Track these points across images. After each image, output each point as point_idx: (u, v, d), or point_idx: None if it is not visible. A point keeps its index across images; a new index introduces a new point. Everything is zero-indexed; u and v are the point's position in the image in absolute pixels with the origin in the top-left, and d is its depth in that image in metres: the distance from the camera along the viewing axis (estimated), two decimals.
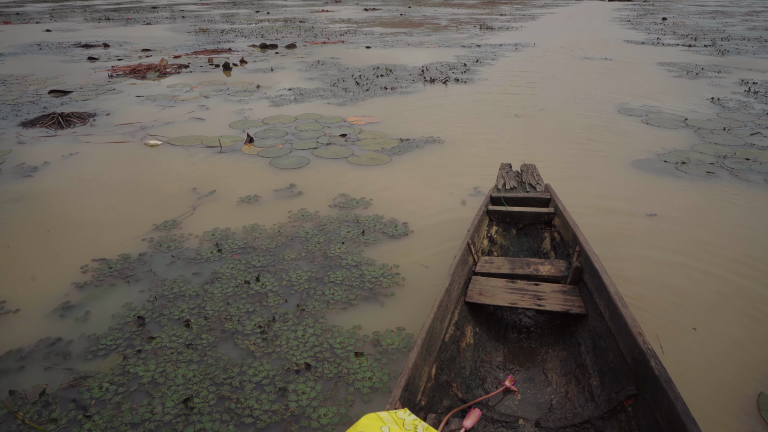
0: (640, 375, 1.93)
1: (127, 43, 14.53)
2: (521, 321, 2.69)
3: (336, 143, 5.59)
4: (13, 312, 2.83)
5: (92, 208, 4.08)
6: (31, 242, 3.57)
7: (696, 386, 2.32)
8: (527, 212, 3.33)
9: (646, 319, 2.48)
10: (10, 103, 7.40)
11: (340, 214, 3.83)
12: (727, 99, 7.48)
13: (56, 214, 3.98)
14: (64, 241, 3.58)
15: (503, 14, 25.00)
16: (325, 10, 28.72)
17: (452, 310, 2.47)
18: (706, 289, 3.12)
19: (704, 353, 2.59)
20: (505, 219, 3.37)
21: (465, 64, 10.46)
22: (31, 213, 3.99)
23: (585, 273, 2.63)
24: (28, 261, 3.34)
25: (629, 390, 1.95)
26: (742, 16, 23.15)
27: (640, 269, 3.27)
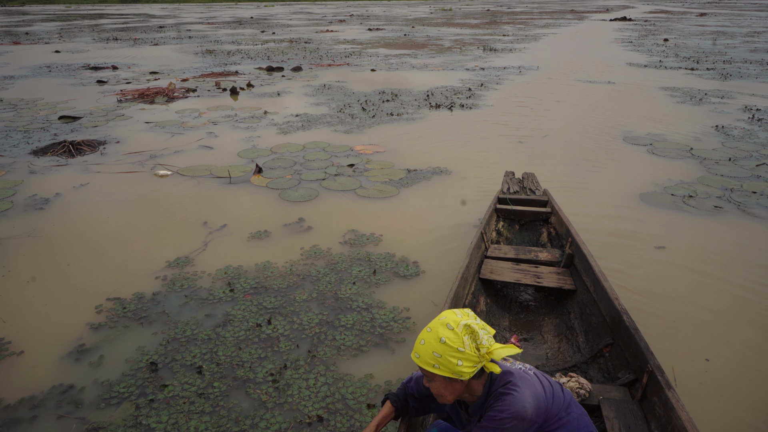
0: (615, 328, 2.56)
1: (135, 65, 14.73)
2: (523, 296, 3.32)
3: (344, 174, 5.63)
4: (18, 354, 2.85)
5: (106, 244, 4.11)
6: (48, 278, 3.59)
7: (707, 420, 2.33)
8: (528, 211, 4.03)
9: (658, 348, 2.50)
10: (22, 130, 7.49)
11: (352, 251, 3.85)
12: (731, 127, 7.51)
13: (70, 250, 4.01)
14: (79, 278, 3.60)
15: (506, 35, 25.25)
16: (330, 30, 29.07)
17: (470, 282, 3.07)
18: (719, 321, 3.16)
19: (717, 385, 2.64)
20: (510, 216, 4.07)
21: (470, 89, 10.56)
22: (45, 249, 4.02)
23: (575, 258, 3.27)
24: (45, 298, 3.36)
25: (607, 340, 2.60)
26: (743, 37, 23.33)
27: (651, 300, 3.31)
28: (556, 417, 1.59)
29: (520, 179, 4.62)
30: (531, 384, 1.58)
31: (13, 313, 3.23)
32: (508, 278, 3.21)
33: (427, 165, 5.89)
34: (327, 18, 44.37)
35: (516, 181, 4.56)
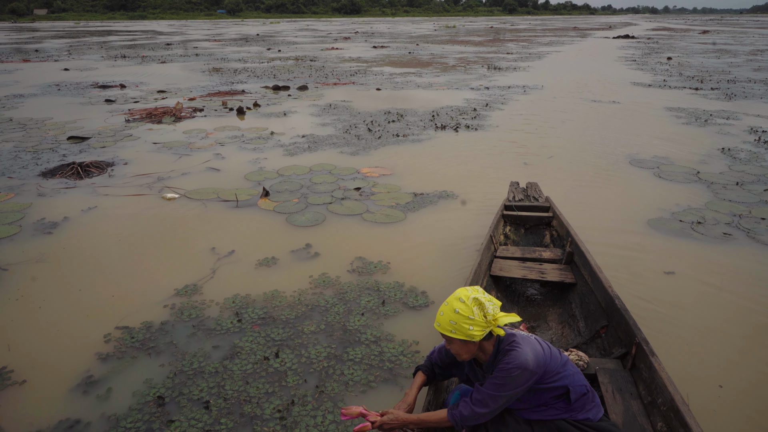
0: (609, 311, 2.95)
1: (142, 83, 14.89)
2: (529, 290, 3.71)
3: (350, 197, 5.64)
4: (20, 383, 2.83)
5: (115, 270, 4.11)
6: (56, 305, 3.59)
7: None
8: (532, 216, 4.44)
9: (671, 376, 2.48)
10: (31, 151, 7.56)
11: (360, 280, 3.84)
12: (737, 149, 7.51)
13: (78, 277, 4.01)
14: (88, 305, 3.60)
15: (510, 53, 25.44)
16: (335, 47, 29.36)
17: (482, 278, 3.42)
18: (731, 348, 3.15)
19: (730, 411, 2.63)
20: (516, 221, 4.48)
21: (475, 109, 10.61)
22: (53, 275, 4.03)
23: (575, 255, 3.66)
24: (53, 325, 3.35)
25: (603, 323, 3.00)
26: (746, 56, 23.43)
27: (661, 326, 3.31)
28: (554, 371, 1.96)
29: (524, 188, 5.09)
30: (531, 343, 1.97)
31: (20, 341, 3.22)
32: (516, 274, 3.60)
33: (433, 189, 5.90)
34: (332, 35, 44.89)
35: (520, 190, 5.03)
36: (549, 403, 2.00)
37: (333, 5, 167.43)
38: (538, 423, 2.01)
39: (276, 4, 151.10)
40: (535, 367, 1.90)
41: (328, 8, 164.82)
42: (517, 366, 1.89)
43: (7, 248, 4.48)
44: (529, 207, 4.58)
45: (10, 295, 3.73)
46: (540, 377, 1.93)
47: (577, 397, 2.00)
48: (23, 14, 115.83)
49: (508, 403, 1.96)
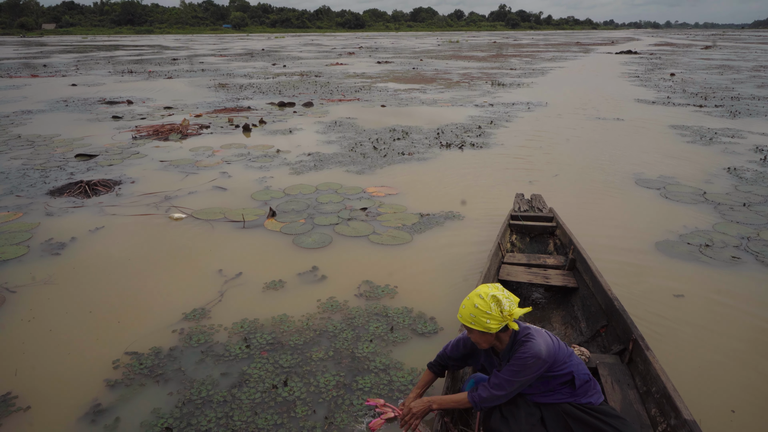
0: (609, 312, 3.21)
1: (149, 99, 15.02)
2: (534, 294, 3.96)
3: (357, 218, 5.65)
4: (24, 410, 2.82)
5: (123, 293, 4.11)
6: (64, 329, 3.59)
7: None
8: (537, 225, 4.69)
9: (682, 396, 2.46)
10: (39, 168, 7.61)
11: (368, 305, 3.83)
12: (743, 168, 7.51)
13: (86, 300, 4.01)
14: (97, 330, 3.59)
15: (513, 68, 25.60)
16: (339, 63, 29.60)
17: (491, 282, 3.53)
18: (743, 371, 3.15)
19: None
20: (522, 230, 4.73)
21: (480, 126, 10.66)
22: (62, 298, 4.03)
23: (577, 262, 3.92)
24: (61, 350, 3.35)
25: (603, 323, 3.25)
26: (749, 72, 23.51)
27: (671, 348, 3.29)
28: (561, 361, 2.23)
29: (529, 200, 5.35)
30: (543, 336, 2.25)
31: (28, 365, 3.22)
32: (522, 279, 3.86)
33: (439, 209, 5.90)
34: (336, 50, 45.30)
35: (525, 201, 5.30)
36: (556, 389, 2.27)
37: (337, 20, 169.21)
38: (546, 406, 2.27)
39: (281, 19, 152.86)
40: (547, 357, 2.17)
41: (332, 23, 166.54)
42: (532, 355, 2.15)
43: (16, 270, 4.49)
44: (534, 217, 4.85)
45: (21, 317, 3.73)
46: (550, 366, 2.20)
47: (581, 383, 2.26)
48: (32, 28, 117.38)
49: (521, 387, 2.22)
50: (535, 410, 2.25)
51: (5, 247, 4.91)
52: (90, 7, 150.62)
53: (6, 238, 5.12)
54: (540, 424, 2.23)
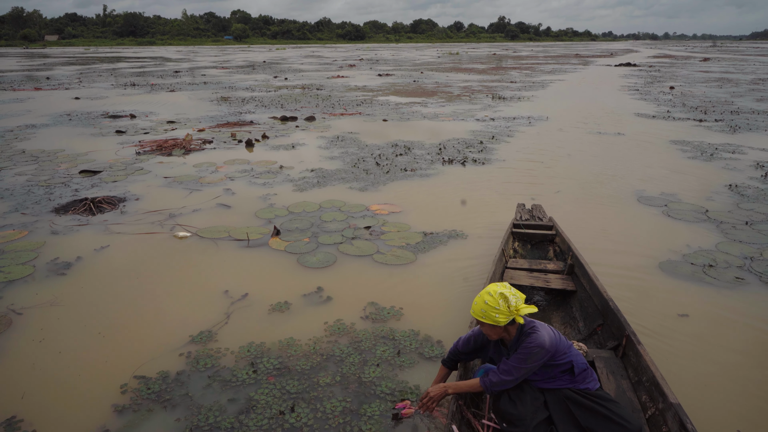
0: (604, 312, 3.51)
1: (152, 113, 15.11)
2: (536, 297, 4.27)
3: (361, 237, 5.67)
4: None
5: (130, 314, 4.12)
6: (71, 352, 3.60)
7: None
8: (537, 233, 5.06)
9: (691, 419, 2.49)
10: (44, 185, 7.64)
11: (375, 328, 3.84)
12: (744, 186, 7.54)
13: (94, 321, 4.02)
14: (105, 353, 3.60)
15: (513, 81, 25.76)
16: (340, 75, 29.78)
17: None
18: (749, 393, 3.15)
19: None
20: (523, 237, 5.09)
21: (481, 142, 10.71)
22: (70, 319, 4.04)
23: (575, 267, 4.21)
24: (69, 373, 3.35)
25: (599, 322, 3.55)
26: (748, 85, 23.66)
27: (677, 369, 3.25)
28: (562, 352, 2.55)
29: (530, 209, 5.73)
30: (546, 329, 2.57)
31: (35, 389, 3.22)
32: (524, 282, 4.13)
33: (442, 228, 5.93)
34: (337, 62, 45.62)
35: (527, 211, 5.67)
36: (557, 376, 2.59)
37: (338, 32, 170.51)
38: (548, 391, 2.60)
39: (282, 31, 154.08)
40: (549, 347, 2.49)
41: (333, 34, 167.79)
42: (537, 345, 2.48)
43: (22, 290, 4.50)
44: (535, 226, 5.19)
45: (28, 340, 3.74)
46: (552, 355, 2.51)
47: (579, 371, 2.58)
48: (34, 40, 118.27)
49: (528, 374, 2.54)
50: (539, 394, 2.58)
51: (11, 267, 4.93)
52: (92, 19, 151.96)
53: (12, 257, 5.14)
54: (543, 407, 2.55)
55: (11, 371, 3.43)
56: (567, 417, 2.50)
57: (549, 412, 2.53)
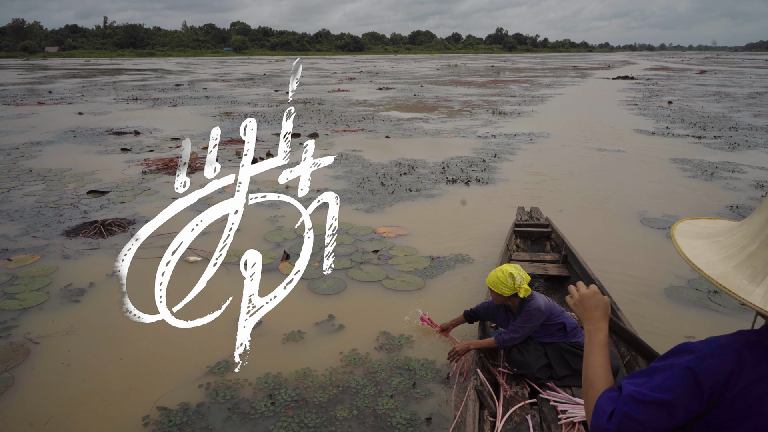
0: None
1: (156, 129, 15.23)
2: (535, 284, 4.99)
3: (369, 261, 5.75)
4: None
5: (148, 343, 4.18)
6: (90, 383, 3.65)
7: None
8: (535, 231, 5.92)
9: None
10: (53, 206, 7.72)
11: (389, 357, 3.90)
12: (745, 207, 7.65)
13: (111, 350, 4.08)
14: (124, 383, 3.66)
15: (513, 95, 25.98)
16: (341, 89, 29.99)
17: None
18: None
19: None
20: (524, 235, 5.94)
21: (484, 160, 10.83)
22: (87, 348, 4.10)
23: (569, 257, 5.10)
24: (90, 404, 3.41)
25: None
26: (745, 99, 23.91)
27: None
28: (555, 315, 3.37)
29: (528, 211, 6.64)
30: (543, 297, 3.41)
31: (59, 415, 3.28)
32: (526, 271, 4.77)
33: (449, 251, 6.01)
34: (337, 74, 45.95)
35: (526, 213, 6.59)
36: (554, 333, 3.38)
37: (337, 43, 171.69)
38: (547, 344, 3.38)
39: (281, 42, 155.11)
40: (545, 310, 3.32)
41: (332, 46, 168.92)
42: (536, 309, 3.32)
43: (37, 318, 4.56)
44: (534, 224, 6.05)
45: (47, 370, 3.79)
46: (548, 317, 3.33)
47: (571, 329, 3.37)
48: (35, 51, 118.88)
49: (530, 332, 3.35)
50: (540, 347, 3.37)
51: (26, 294, 4.99)
52: (93, 30, 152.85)
53: (26, 283, 5.21)
54: (544, 356, 3.33)
55: (34, 401, 3.48)
56: (562, 362, 3.30)
57: (548, 360, 3.32)
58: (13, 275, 5.40)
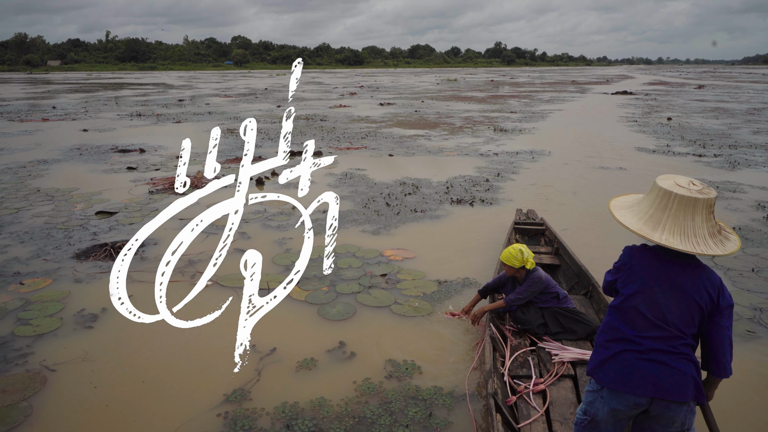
0: (578, 274, 5.42)
1: (161, 147, 15.35)
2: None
3: (377, 286, 5.81)
4: None
5: (164, 370, 4.24)
6: (111, 412, 3.70)
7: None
8: (532, 228, 6.91)
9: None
10: (62, 228, 7.79)
11: (401, 386, 3.94)
12: (748, 228, 7.73)
13: (128, 379, 4.13)
14: (143, 412, 3.71)
15: (513, 111, 26.19)
16: (343, 105, 30.22)
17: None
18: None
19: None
20: (522, 232, 6.92)
21: (487, 180, 10.93)
22: (100, 376, 4.15)
23: (560, 249, 6.12)
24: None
25: (575, 280, 5.42)
26: (743, 116, 24.11)
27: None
28: (552, 285, 4.46)
29: (525, 213, 7.64)
30: (542, 271, 4.49)
31: None
32: None
33: (455, 275, 6.07)
34: (338, 89, 46.30)
35: (524, 214, 7.59)
36: (549, 300, 4.42)
37: (337, 57, 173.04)
38: (544, 308, 4.39)
39: (281, 56, 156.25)
40: (545, 279, 4.43)
41: (332, 60, 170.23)
42: (537, 277, 4.41)
43: (52, 345, 4.61)
44: (531, 223, 7.08)
45: (66, 398, 3.84)
46: (545, 286, 4.41)
47: (562, 297, 4.46)
48: (37, 65, 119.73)
49: (532, 296, 4.40)
50: (539, 310, 4.39)
51: (40, 320, 5.05)
52: (95, 44, 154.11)
53: (39, 309, 5.26)
54: (541, 317, 4.35)
55: (54, 431, 3.53)
56: (555, 321, 4.30)
57: (545, 320, 4.32)
58: (27, 300, 5.46)
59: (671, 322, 2.28)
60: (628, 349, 2.33)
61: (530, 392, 3.53)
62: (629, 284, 2.42)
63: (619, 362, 2.34)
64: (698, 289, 2.29)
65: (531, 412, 3.34)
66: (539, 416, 3.29)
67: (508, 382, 3.67)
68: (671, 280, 2.32)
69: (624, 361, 2.33)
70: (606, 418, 2.39)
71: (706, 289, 2.29)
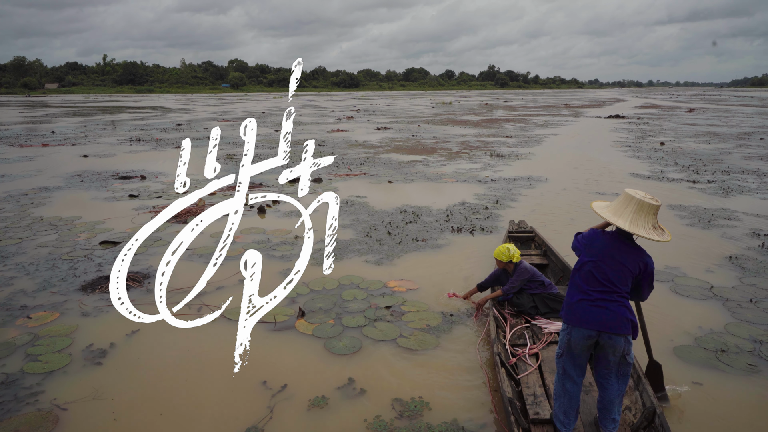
0: (562, 269, 6.72)
1: (161, 173, 15.47)
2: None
3: (382, 318, 5.87)
4: None
5: (173, 409, 4.26)
6: None
7: None
8: (524, 236, 8.01)
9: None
10: (67, 258, 7.83)
11: (412, 426, 3.99)
12: (744, 257, 7.86)
13: (139, 418, 4.16)
14: None
15: (509, 136, 26.53)
16: (340, 129, 30.51)
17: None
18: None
19: None
20: (515, 239, 7.96)
21: (486, 207, 11.08)
22: (112, 415, 4.18)
23: (547, 251, 7.27)
24: None
25: (561, 275, 6.72)
26: (734, 140, 24.52)
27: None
28: (538, 275, 5.71)
29: (518, 223, 8.71)
30: (528, 264, 5.76)
31: None
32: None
33: (458, 307, 6.14)
34: (334, 113, 46.77)
35: (516, 224, 8.63)
36: (537, 287, 5.60)
37: (332, 80, 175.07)
38: (534, 294, 5.55)
39: (278, 79, 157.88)
40: (530, 269, 5.64)
41: (327, 82, 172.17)
42: (524, 268, 5.62)
43: (62, 383, 4.64)
44: (522, 231, 8.17)
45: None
46: (532, 275, 5.61)
47: (548, 285, 5.65)
48: (35, 88, 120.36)
49: (522, 284, 5.58)
50: (530, 296, 5.55)
51: (48, 356, 5.07)
52: (92, 68, 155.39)
53: (48, 344, 5.29)
54: (532, 301, 5.49)
55: None
56: (543, 303, 5.45)
57: (535, 303, 5.47)
58: (35, 335, 5.49)
59: (613, 281, 3.49)
60: (583, 299, 3.50)
61: (526, 355, 4.71)
62: (589, 255, 3.59)
63: (578, 308, 3.51)
64: (634, 262, 3.54)
65: (527, 368, 4.49)
66: (533, 370, 4.48)
67: (509, 349, 4.83)
68: (617, 255, 3.53)
69: (581, 307, 3.50)
70: (573, 347, 3.52)
71: (637, 263, 3.55)
